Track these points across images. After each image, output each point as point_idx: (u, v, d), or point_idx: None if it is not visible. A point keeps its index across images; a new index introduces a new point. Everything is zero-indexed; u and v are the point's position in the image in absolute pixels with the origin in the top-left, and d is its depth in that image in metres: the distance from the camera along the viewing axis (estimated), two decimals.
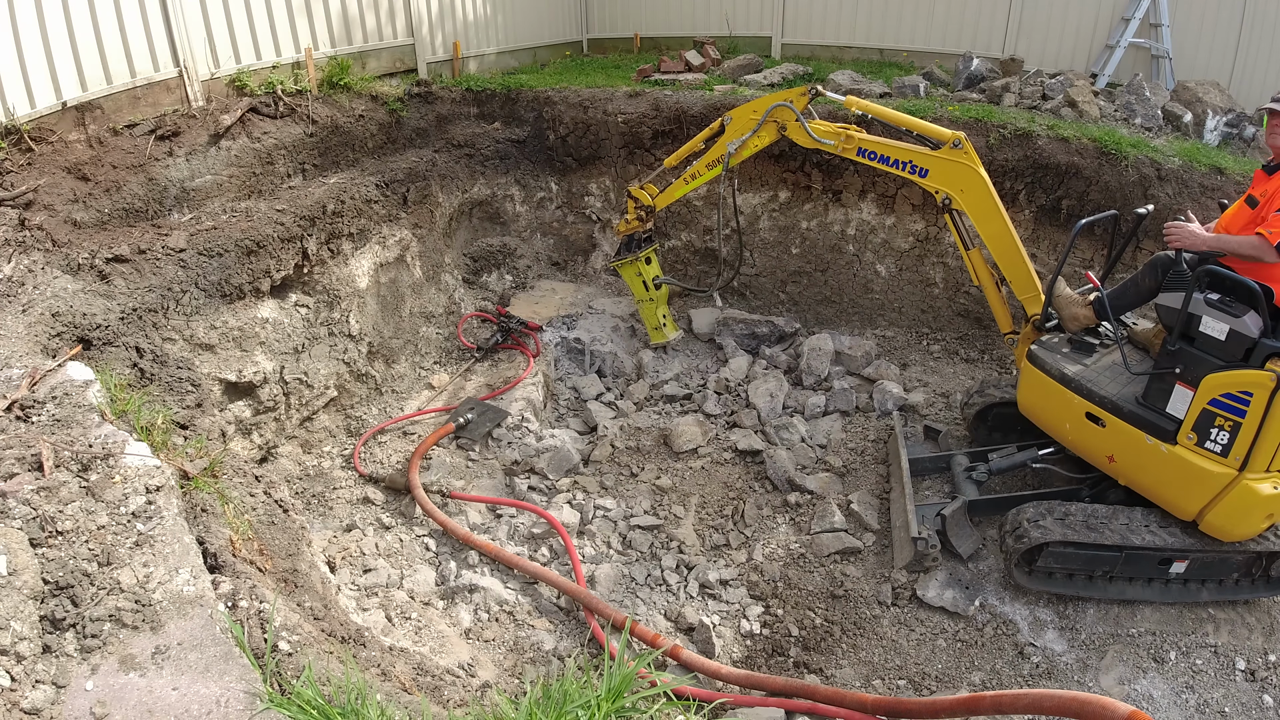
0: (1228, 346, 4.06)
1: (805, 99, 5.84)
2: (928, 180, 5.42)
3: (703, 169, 6.42)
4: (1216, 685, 4.46)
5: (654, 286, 7.12)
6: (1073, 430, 4.87)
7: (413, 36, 8.95)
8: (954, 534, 5.03)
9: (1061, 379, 4.84)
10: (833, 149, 5.70)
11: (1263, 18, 8.76)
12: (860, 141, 5.60)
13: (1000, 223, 5.24)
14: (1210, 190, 6.71)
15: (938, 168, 5.35)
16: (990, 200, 5.23)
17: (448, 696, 3.43)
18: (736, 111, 6.15)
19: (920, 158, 5.40)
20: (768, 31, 11.34)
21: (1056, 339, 5.19)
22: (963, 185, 5.30)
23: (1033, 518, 4.64)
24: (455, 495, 5.62)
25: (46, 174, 5.21)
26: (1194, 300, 4.14)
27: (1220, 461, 4.18)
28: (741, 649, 4.78)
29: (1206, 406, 4.14)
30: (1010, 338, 5.70)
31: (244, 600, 2.62)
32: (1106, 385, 4.70)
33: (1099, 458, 4.82)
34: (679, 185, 6.65)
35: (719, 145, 6.25)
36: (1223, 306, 4.08)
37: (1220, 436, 4.14)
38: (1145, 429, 4.43)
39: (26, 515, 2.62)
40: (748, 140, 6.05)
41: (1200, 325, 4.14)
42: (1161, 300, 4.44)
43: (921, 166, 5.40)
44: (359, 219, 6.69)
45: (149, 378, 4.29)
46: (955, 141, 5.24)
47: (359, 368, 6.55)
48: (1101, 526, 4.54)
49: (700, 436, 6.39)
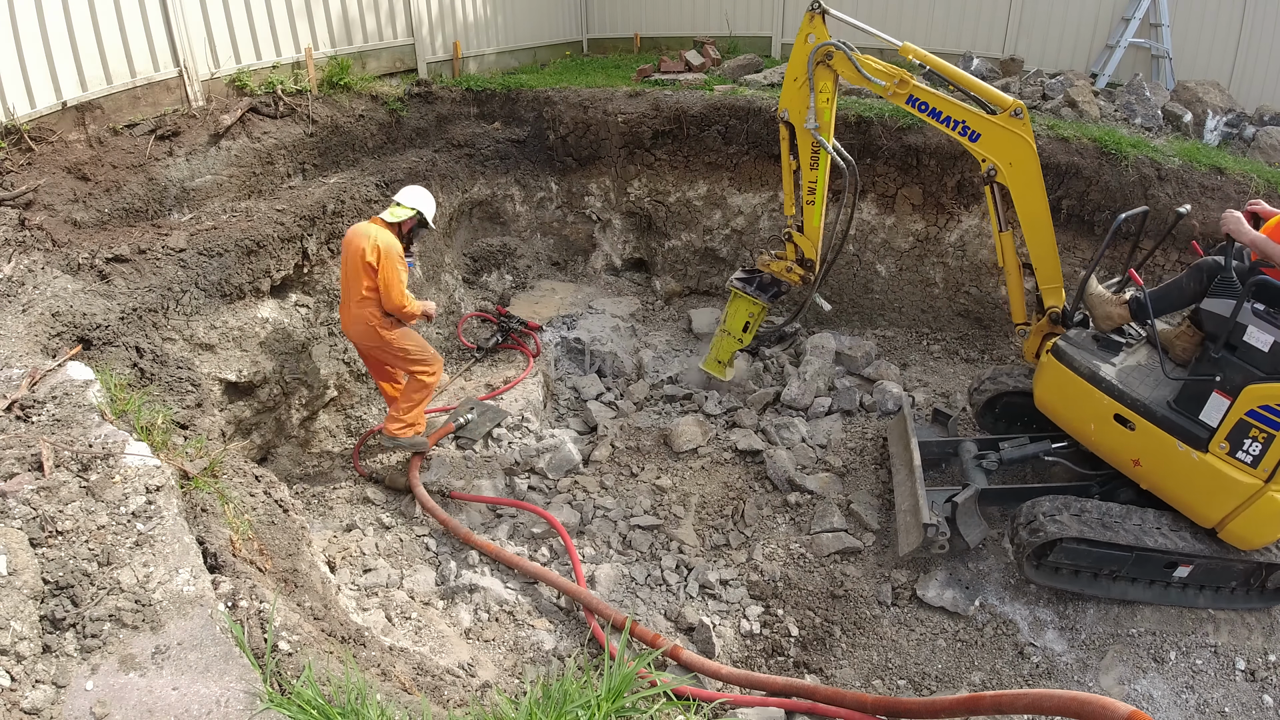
0: (1271, 358, 4.00)
1: (817, 19, 5.28)
2: (978, 145, 5.06)
3: (811, 174, 5.66)
4: (1216, 685, 4.46)
5: (749, 332, 6.52)
6: (1098, 431, 4.76)
7: (413, 36, 8.95)
8: (963, 523, 4.95)
9: (1091, 378, 4.72)
10: (881, 91, 5.19)
11: (1263, 18, 8.76)
12: (914, 89, 5.12)
13: (1041, 204, 5.04)
14: (1210, 190, 6.71)
15: (992, 134, 5.00)
16: (1037, 178, 5.00)
17: (448, 696, 3.43)
18: (782, 99, 5.55)
19: (975, 120, 5.02)
20: (768, 31, 11.34)
21: (1082, 335, 5.08)
22: (1013, 157, 4.99)
23: (1049, 512, 4.60)
24: (456, 495, 5.62)
25: (46, 174, 5.21)
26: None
27: (1249, 472, 4.15)
28: (741, 649, 4.78)
29: (1244, 417, 4.09)
30: (1022, 329, 5.59)
31: (244, 600, 2.62)
32: (1138, 387, 4.60)
33: (1123, 460, 4.73)
34: (809, 213, 5.81)
35: (802, 140, 5.55)
36: (1269, 318, 4.03)
37: (1253, 447, 4.10)
38: (1177, 435, 4.36)
39: (26, 515, 2.62)
40: (815, 105, 5.35)
41: (1244, 335, 4.07)
42: (1207, 306, 4.34)
43: (975, 130, 5.03)
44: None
45: (149, 378, 4.30)
46: (1016, 110, 4.89)
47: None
48: (1116, 525, 4.51)
49: (700, 436, 6.39)
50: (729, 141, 8.34)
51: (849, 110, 7.74)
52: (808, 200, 5.75)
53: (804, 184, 5.70)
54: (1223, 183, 6.72)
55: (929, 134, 7.45)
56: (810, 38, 5.27)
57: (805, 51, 5.30)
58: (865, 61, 5.20)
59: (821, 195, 5.65)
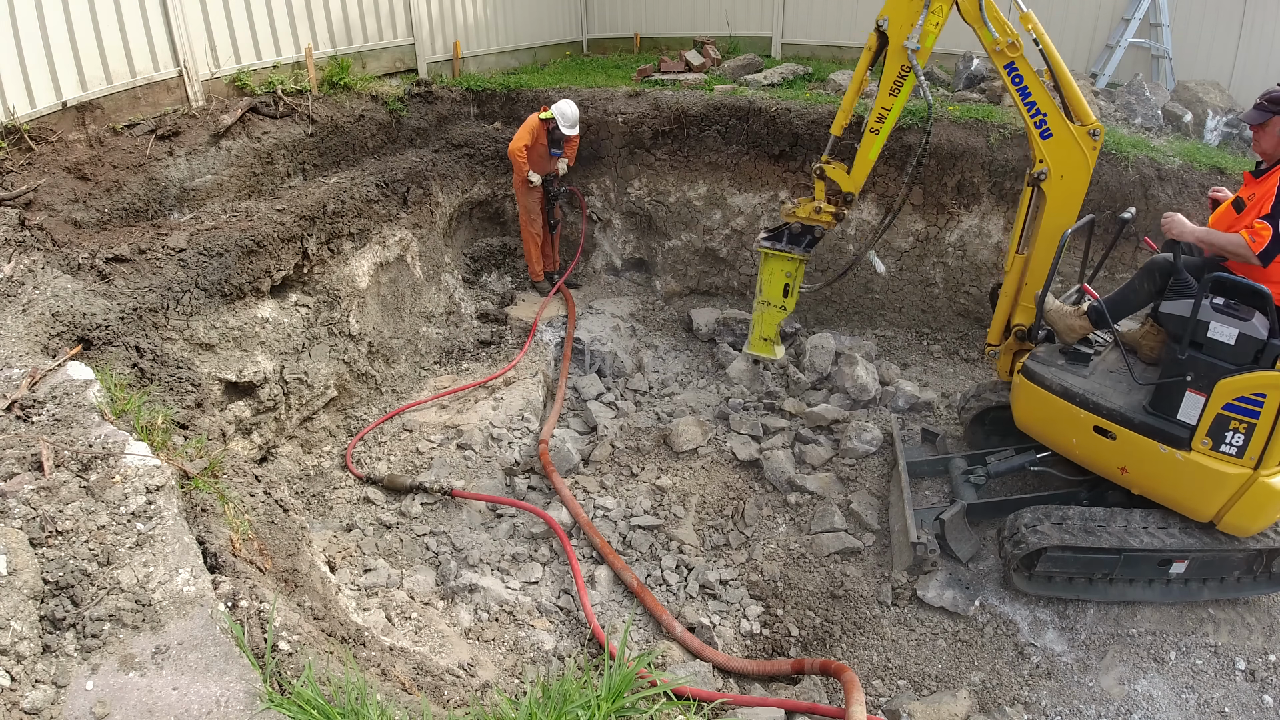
0: (1237, 350, 4.02)
1: None
2: (1046, 143, 4.86)
3: (888, 99, 5.11)
4: (1216, 685, 4.46)
5: (791, 296, 5.89)
6: (1080, 445, 4.76)
7: (413, 36, 8.95)
8: (953, 538, 5.03)
9: (1065, 394, 4.73)
10: (990, 41, 4.80)
11: (1262, 18, 8.76)
12: (1019, 59, 4.78)
13: (1066, 228, 4.86)
14: (1210, 190, 6.71)
15: (1065, 139, 4.81)
16: (1078, 202, 4.90)
17: (448, 696, 3.42)
18: (887, 5, 4.96)
19: (1057, 119, 4.81)
20: (768, 31, 11.34)
21: (1048, 351, 5.08)
22: (1067, 171, 4.85)
23: (1030, 523, 4.62)
24: (457, 494, 5.62)
25: (46, 174, 5.21)
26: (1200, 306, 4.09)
27: (1236, 463, 4.17)
28: (741, 649, 4.78)
29: (1221, 411, 4.11)
30: (991, 350, 5.56)
31: (244, 600, 2.62)
32: (1112, 396, 4.61)
33: (1110, 470, 4.73)
34: (868, 142, 5.26)
35: (894, 55, 5.01)
36: (1229, 311, 4.05)
37: (1235, 439, 4.12)
38: (1158, 438, 4.37)
39: (26, 515, 2.62)
40: (924, 25, 4.87)
41: (1208, 331, 4.09)
42: (1166, 309, 4.37)
43: (1051, 128, 4.83)
44: (359, 219, 6.69)
45: (149, 377, 4.29)
46: (1094, 130, 4.77)
47: (359, 367, 6.55)
48: (1099, 530, 4.53)
49: (700, 436, 6.39)
50: (729, 141, 8.35)
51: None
52: (872, 128, 5.20)
53: (874, 109, 5.17)
54: (1222, 183, 6.72)
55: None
56: None
57: None
58: (990, 4, 4.78)
59: (888, 127, 5.18)
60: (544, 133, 7.79)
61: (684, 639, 4.59)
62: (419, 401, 6.70)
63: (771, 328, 6.10)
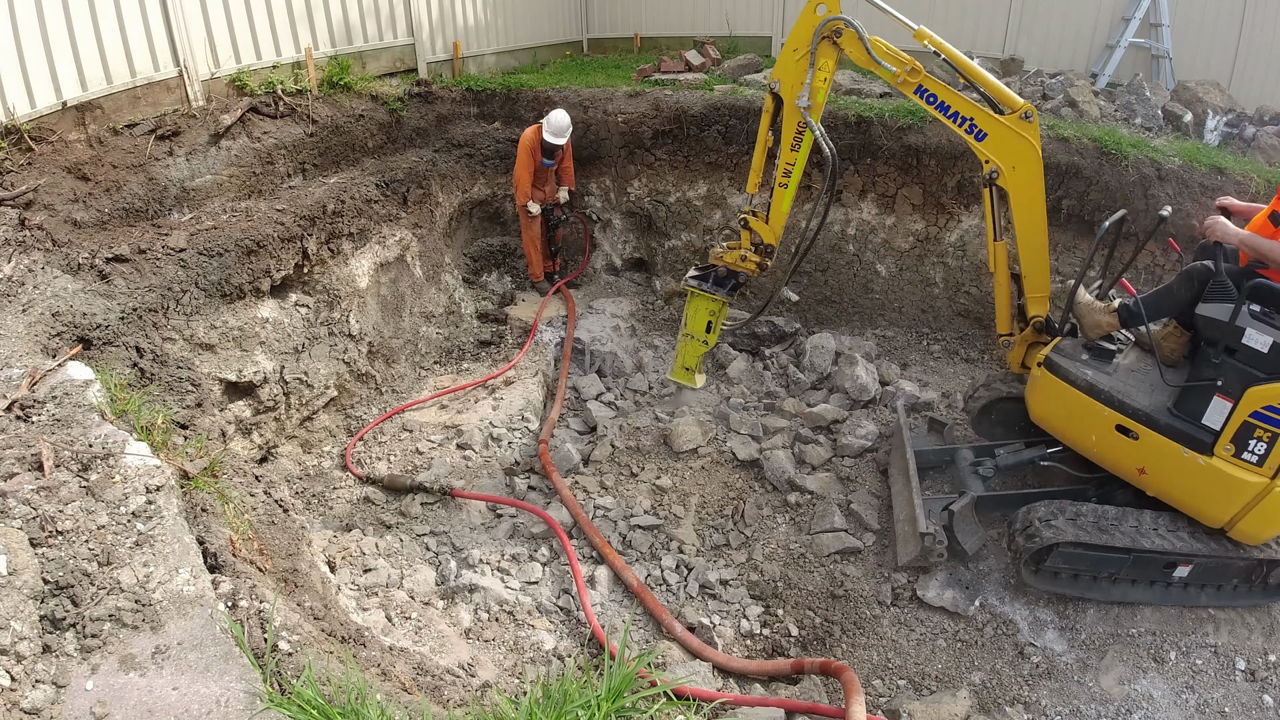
0: (1270, 359, 3.99)
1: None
2: (983, 145, 4.89)
3: (790, 155, 5.23)
4: (1216, 685, 4.46)
5: (713, 332, 6.06)
6: (1100, 442, 4.71)
7: (413, 36, 8.95)
8: (960, 530, 4.97)
9: (1090, 390, 4.68)
10: (889, 77, 4.88)
11: (1263, 18, 8.76)
12: (924, 79, 4.88)
13: (1039, 212, 4.94)
14: (1210, 190, 6.71)
15: (999, 135, 4.82)
16: (1039, 185, 4.87)
17: (448, 696, 3.43)
18: (776, 68, 5.09)
19: (984, 118, 4.82)
20: (768, 31, 11.35)
21: (1072, 345, 5.03)
22: (1017, 161, 4.84)
23: (1045, 517, 4.59)
24: (457, 494, 5.62)
25: (46, 174, 5.21)
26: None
27: (1256, 471, 4.15)
28: (741, 649, 4.78)
29: (1248, 419, 4.09)
30: (1006, 340, 5.55)
31: (244, 600, 2.62)
32: (1137, 396, 4.56)
33: (1128, 470, 4.69)
34: (778, 196, 5.40)
35: (788, 117, 5.13)
36: (1266, 319, 4.02)
37: (1258, 447, 4.11)
38: (1182, 441, 4.34)
39: (26, 515, 2.62)
40: (812, 83, 4.94)
41: (1243, 338, 4.05)
42: (1203, 311, 4.29)
43: (982, 129, 4.84)
44: (359, 219, 6.69)
45: (149, 377, 4.29)
46: (1026, 113, 4.75)
47: (359, 367, 6.55)
48: (1112, 528, 4.51)
49: (700, 436, 6.39)
50: (729, 141, 8.34)
51: (849, 110, 7.74)
52: (780, 183, 5.33)
53: (780, 165, 5.28)
54: (1223, 183, 6.72)
55: (929, 134, 7.45)
56: (820, 8, 4.85)
57: (813, 23, 4.87)
58: (876, 44, 4.86)
59: (795, 180, 5.27)
60: (539, 144, 7.73)
61: (684, 639, 4.59)
62: (419, 401, 6.70)
63: (694, 359, 6.29)
